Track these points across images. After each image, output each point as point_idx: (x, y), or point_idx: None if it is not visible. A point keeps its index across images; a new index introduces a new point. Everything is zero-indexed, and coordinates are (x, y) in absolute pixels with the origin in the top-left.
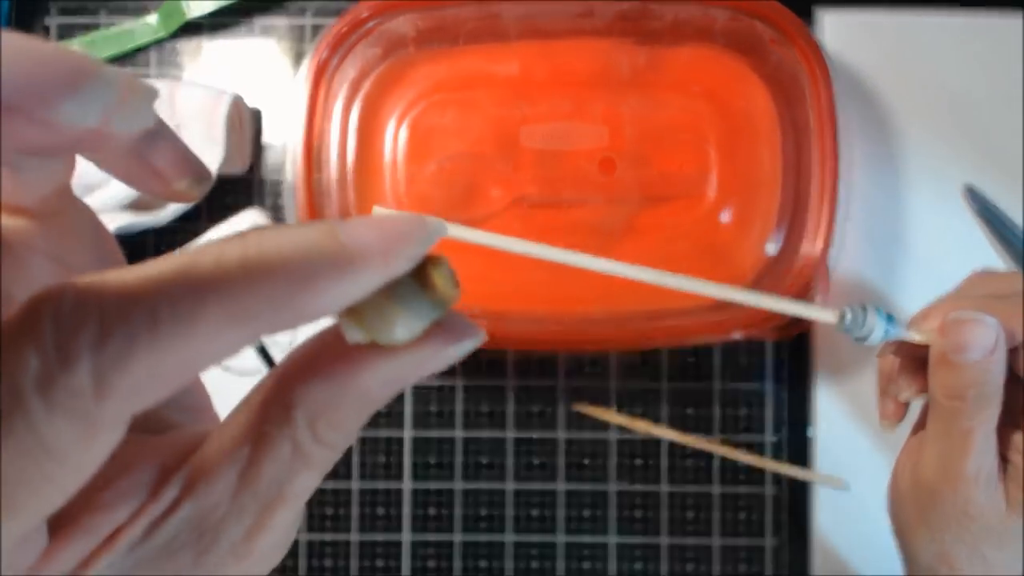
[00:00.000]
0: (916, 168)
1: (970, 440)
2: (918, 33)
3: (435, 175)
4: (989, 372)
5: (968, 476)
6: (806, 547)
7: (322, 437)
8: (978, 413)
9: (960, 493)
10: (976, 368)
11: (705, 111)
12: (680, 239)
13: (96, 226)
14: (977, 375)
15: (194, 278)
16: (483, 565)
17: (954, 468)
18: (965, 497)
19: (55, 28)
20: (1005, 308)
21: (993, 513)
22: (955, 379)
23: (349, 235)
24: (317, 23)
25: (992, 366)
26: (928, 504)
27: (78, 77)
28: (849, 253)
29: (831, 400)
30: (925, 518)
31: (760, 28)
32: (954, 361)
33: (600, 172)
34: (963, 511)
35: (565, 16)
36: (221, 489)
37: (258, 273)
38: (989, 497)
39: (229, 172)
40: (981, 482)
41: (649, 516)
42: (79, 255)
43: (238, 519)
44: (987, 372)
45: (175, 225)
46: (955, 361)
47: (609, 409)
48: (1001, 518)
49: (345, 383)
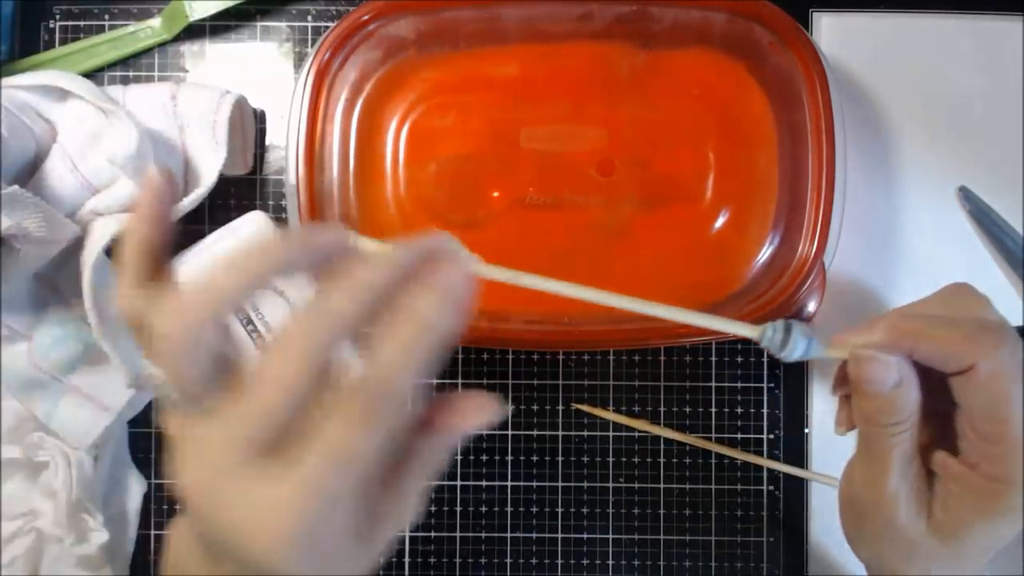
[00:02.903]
0: (911, 170)
1: (887, 462)
2: (913, 36)
3: (435, 177)
4: (898, 401)
5: (889, 495)
6: (802, 544)
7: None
8: (891, 438)
9: (883, 511)
10: (886, 398)
11: (703, 113)
12: (678, 240)
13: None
14: (886, 404)
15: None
16: (482, 561)
17: (877, 487)
18: (888, 515)
19: (59, 31)
20: (947, 334)
21: (915, 531)
22: (868, 406)
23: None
24: (319, 26)
25: (899, 397)
26: (860, 517)
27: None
28: (844, 254)
29: (827, 399)
30: (860, 529)
31: (758, 31)
32: (865, 390)
33: (599, 174)
34: (889, 525)
35: (565, 19)
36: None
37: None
38: (911, 517)
39: (232, 173)
40: (901, 502)
41: (647, 513)
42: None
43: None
44: (896, 402)
45: (178, 226)
46: (865, 390)
47: (607, 408)
48: (922, 537)
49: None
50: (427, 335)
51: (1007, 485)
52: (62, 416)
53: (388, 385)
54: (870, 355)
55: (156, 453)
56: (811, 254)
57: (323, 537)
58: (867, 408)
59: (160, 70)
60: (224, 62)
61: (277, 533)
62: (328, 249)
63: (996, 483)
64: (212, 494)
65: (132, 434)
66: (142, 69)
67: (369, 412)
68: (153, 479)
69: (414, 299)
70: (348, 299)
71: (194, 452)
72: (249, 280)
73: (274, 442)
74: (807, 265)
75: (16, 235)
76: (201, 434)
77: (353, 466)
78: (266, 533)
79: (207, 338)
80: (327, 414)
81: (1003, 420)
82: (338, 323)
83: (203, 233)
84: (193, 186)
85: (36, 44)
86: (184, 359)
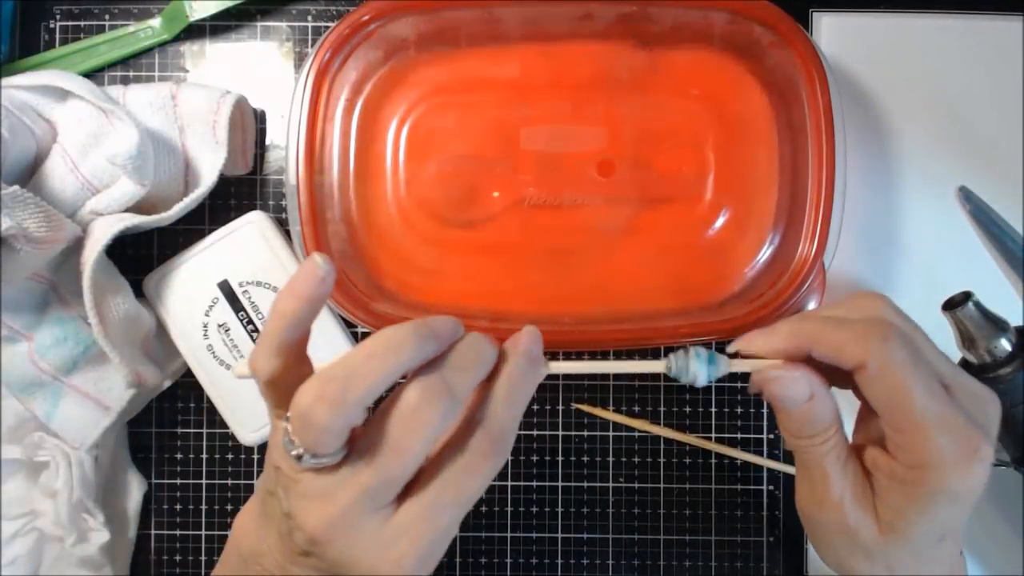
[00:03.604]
0: (911, 170)
1: (823, 471)
2: (913, 36)
3: (435, 177)
4: (814, 414)
5: (833, 502)
6: (802, 544)
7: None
8: (819, 448)
9: (832, 517)
10: (802, 413)
11: (703, 114)
12: (678, 240)
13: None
14: (804, 418)
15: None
16: (483, 561)
17: (820, 496)
18: (837, 520)
19: (59, 31)
20: (839, 333)
21: (866, 532)
22: (788, 423)
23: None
24: (319, 26)
25: (814, 410)
26: (816, 527)
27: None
28: (844, 254)
29: None
30: (819, 539)
31: (758, 31)
32: (780, 407)
33: (599, 174)
34: (841, 531)
35: (565, 19)
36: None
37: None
38: (859, 519)
39: (232, 173)
40: (847, 506)
41: (647, 513)
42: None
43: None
44: (812, 415)
45: (178, 226)
46: (781, 408)
47: (607, 408)
48: (873, 536)
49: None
50: (524, 390)
51: (924, 469)
52: (62, 416)
53: (504, 436)
54: (775, 375)
55: (156, 453)
56: (811, 254)
57: (431, 560)
58: (788, 425)
59: (160, 70)
60: (224, 62)
61: (401, 563)
62: (447, 338)
63: (915, 469)
64: (342, 534)
65: (132, 434)
66: (142, 69)
67: (491, 464)
68: (153, 479)
69: (509, 366)
70: (464, 380)
71: (322, 499)
72: (388, 373)
73: (395, 495)
74: (807, 265)
75: (16, 235)
76: (327, 486)
77: (469, 504)
78: (390, 562)
79: (351, 422)
80: (448, 462)
81: (904, 409)
82: (456, 400)
83: (203, 233)
84: (193, 186)
85: (36, 44)
86: (327, 436)
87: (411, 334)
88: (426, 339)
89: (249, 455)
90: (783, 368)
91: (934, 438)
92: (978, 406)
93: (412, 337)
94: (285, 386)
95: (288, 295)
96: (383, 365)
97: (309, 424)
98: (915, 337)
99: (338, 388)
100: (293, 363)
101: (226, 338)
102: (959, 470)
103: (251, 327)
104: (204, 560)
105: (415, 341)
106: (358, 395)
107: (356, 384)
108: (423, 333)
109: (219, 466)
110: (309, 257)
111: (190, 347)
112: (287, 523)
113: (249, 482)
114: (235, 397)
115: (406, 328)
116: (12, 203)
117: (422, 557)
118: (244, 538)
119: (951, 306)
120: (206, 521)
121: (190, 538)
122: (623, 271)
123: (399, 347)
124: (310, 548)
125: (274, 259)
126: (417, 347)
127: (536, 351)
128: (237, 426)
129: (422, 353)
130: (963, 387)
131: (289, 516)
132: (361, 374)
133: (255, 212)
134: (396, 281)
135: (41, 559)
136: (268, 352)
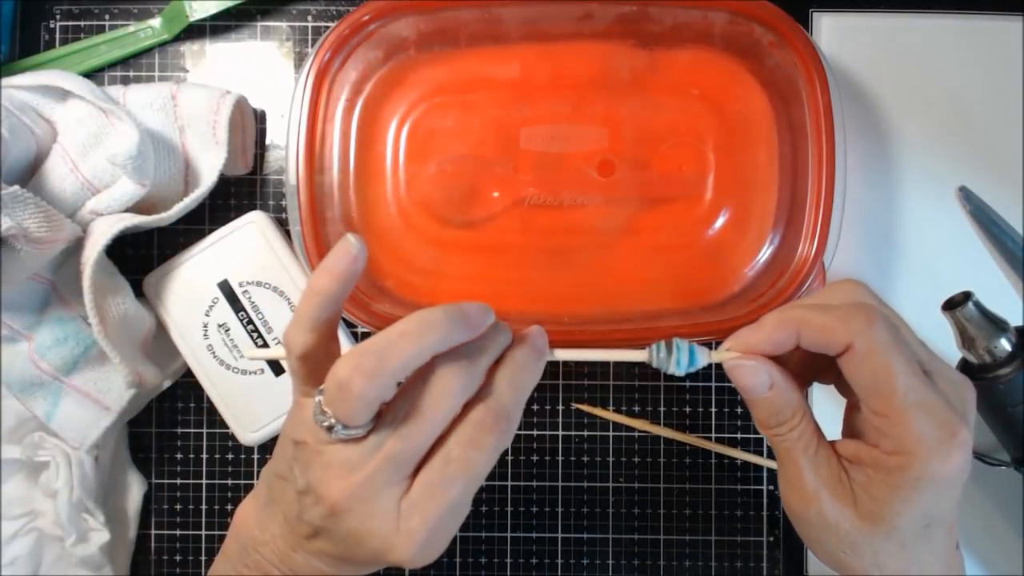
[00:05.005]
0: (911, 169)
1: (796, 461)
2: (913, 36)
3: (436, 177)
4: (777, 402)
5: (810, 494)
6: (802, 544)
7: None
8: (787, 436)
9: (812, 510)
10: (766, 400)
11: (703, 113)
12: (678, 240)
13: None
14: (769, 407)
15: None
16: (483, 561)
17: (797, 489)
18: (818, 513)
19: (59, 31)
20: (824, 319)
21: (847, 523)
22: (757, 412)
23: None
24: (319, 26)
25: (778, 398)
26: (801, 523)
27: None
28: (844, 253)
29: (826, 398)
30: (807, 535)
31: (758, 31)
32: (748, 399)
33: (599, 174)
34: (823, 524)
35: (565, 19)
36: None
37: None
38: (837, 511)
39: (232, 173)
40: (824, 498)
41: (647, 513)
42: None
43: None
44: (775, 402)
45: (179, 226)
46: (749, 399)
47: (607, 408)
48: (855, 527)
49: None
50: (528, 376)
51: (906, 455)
52: (62, 416)
53: (508, 414)
54: (736, 363)
55: (156, 453)
56: (811, 254)
57: (442, 537)
58: (758, 415)
59: (160, 70)
60: (224, 62)
61: (412, 537)
62: (477, 323)
63: (897, 455)
64: (361, 503)
65: (132, 434)
66: (142, 69)
67: (494, 438)
68: (153, 479)
69: (515, 352)
70: (484, 359)
71: (346, 468)
72: (420, 350)
73: (414, 467)
74: (807, 265)
75: (16, 235)
76: (351, 456)
77: (478, 481)
78: (403, 535)
79: (383, 395)
80: (453, 438)
81: (887, 392)
82: (476, 375)
83: (203, 233)
84: (193, 186)
85: (36, 44)
86: (362, 406)
87: (443, 316)
88: (457, 322)
89: (249, 455)
90: (741, 357)
91: (915, 420)
92: (956, 392)
93: (444, 319)
94: (316, 362)
95: (323, 273)
96: (417, 342)
97: (346, 393)
98: (895, 321)
99: (374, 361)
100: (325, 340)
101: (226, 338)
102: (939, 454)
103: (251, 327)
104: (204, 560)
105: (447, 323)
106: (393, 366)
107: (391, 358)
108: (455, 316)
109: (219, 466)
110: (343, 237)
111: (190, 347)
112: (300, 502)
113: (249, 482)
114: (235, 397)
115: (438, 310)
116: (12, 203)
117: (432, 530)
118: (243, 528)
119: (951, 306)
120: (206, 521)
121: (190, 538)
122: (623, 271)
123: (432, 327)
124: (325, 523)
125: (274, 259)
126: (449, 328)
127: (541, 341)
128: (237, 426)
129: (453, 335)
130: (941, 373)
131: (307, 491)
132: (395, 350)
133: (255, 212)
134: (396, 281)
135: (41, 559)
136: (303, 328)
